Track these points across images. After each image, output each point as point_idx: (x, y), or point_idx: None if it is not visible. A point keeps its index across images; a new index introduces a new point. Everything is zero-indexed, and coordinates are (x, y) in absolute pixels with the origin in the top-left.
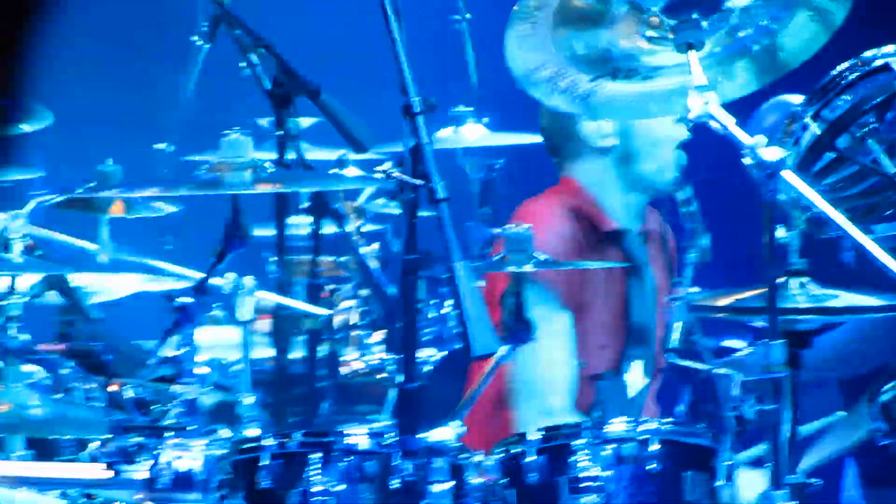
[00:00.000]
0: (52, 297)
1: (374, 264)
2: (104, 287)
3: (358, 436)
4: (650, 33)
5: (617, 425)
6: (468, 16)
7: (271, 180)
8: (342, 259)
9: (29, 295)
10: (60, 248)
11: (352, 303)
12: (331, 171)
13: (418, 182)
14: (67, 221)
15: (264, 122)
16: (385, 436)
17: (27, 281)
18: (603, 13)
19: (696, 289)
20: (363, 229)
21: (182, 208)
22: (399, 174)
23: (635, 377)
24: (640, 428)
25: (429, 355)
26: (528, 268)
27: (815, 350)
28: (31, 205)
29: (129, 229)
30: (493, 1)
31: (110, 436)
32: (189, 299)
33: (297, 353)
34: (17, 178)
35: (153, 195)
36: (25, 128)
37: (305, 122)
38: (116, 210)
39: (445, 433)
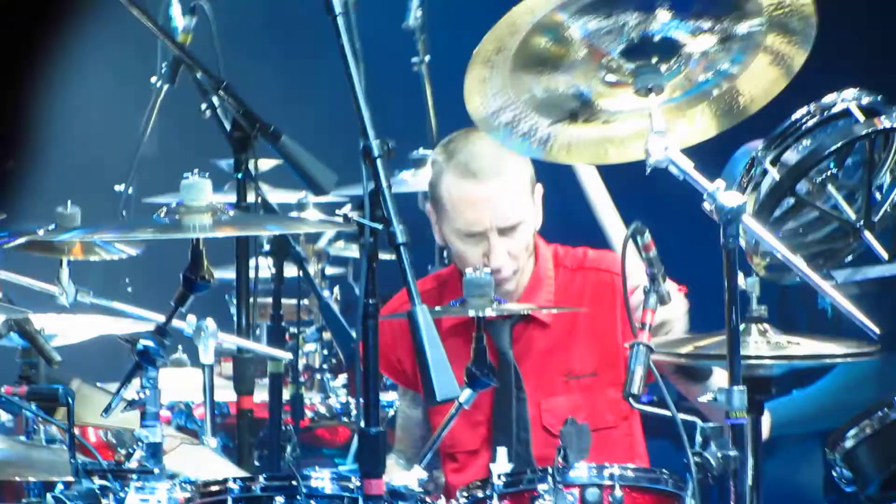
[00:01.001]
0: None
1: (335, 307)
2: (66, 329)
3: (322, 479)
4: (610, 77)
5: (580, 470)
6: (427, 58)
7: (231, 223)
8: (304, 302)
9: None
10: (21, 291)
11: (314, 346)
12: (291, 214)
13: (378, 226)
14: (27, 264)
15: (224, 164)
16: (349, 479)
17: None
18: (562, 57)
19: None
20: (325, 272)
21: (142, 251)
22: (358, 218)
23: (500, 462)
24: (604, 473)
25: (391, 399)
26: (488, 311)
27: (796, 403)
28: None
29: (90, 272)
30: (453, 44)
31: (74, 479)
32: (150, 342)
33: (260, 397)
34: None
35: (113, 238)
36: None
37: (266, 164)
38: (76, 252)
39: (408, 477)
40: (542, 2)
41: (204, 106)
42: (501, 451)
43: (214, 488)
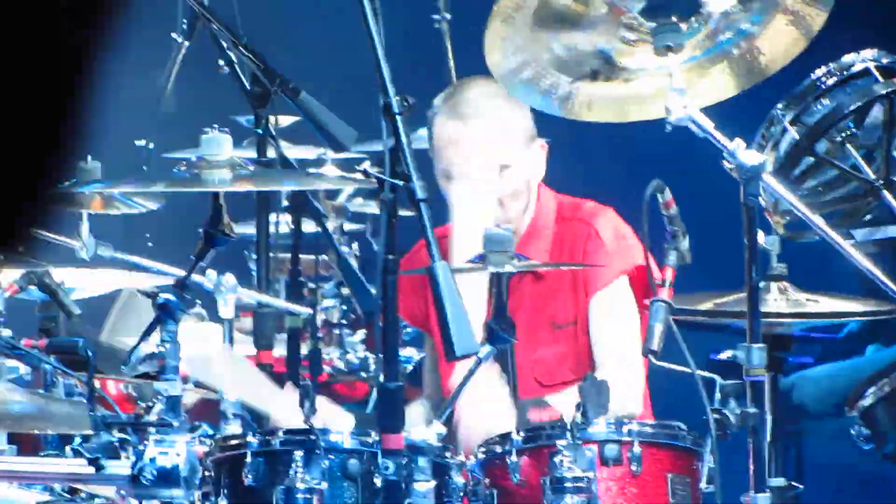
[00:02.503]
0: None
1: (354, 263)
2: (86, 283)
3: (341, 434)
4: (630, 35)
5: (599, 426)
6: (448, 16)
7: (250, 178)
8: (322, 257)
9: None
10: (41, 245)
11: (332, 301)
12: (310, 171)
13: (398, 182)
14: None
15: (243, 120)
16: (368, 434)
17: (9, 277)
18: (582, 15)
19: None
20: (343, 228)
21: (163, 205)
22: (378, 173)
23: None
24: (623, 429)
25: (410, 355)
26: (508, 268)
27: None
28: None
29: (110, 226)
30: (474, 1)
31: (93, 431)
32: (170, 296)
33: (278, 352)
34: None
35: (133, 191)
36: None
37: (285, 120)
38: (97, 206)
39: (427, 432)
40: None
41: (222, 62)
42: None
43: (233, 442)
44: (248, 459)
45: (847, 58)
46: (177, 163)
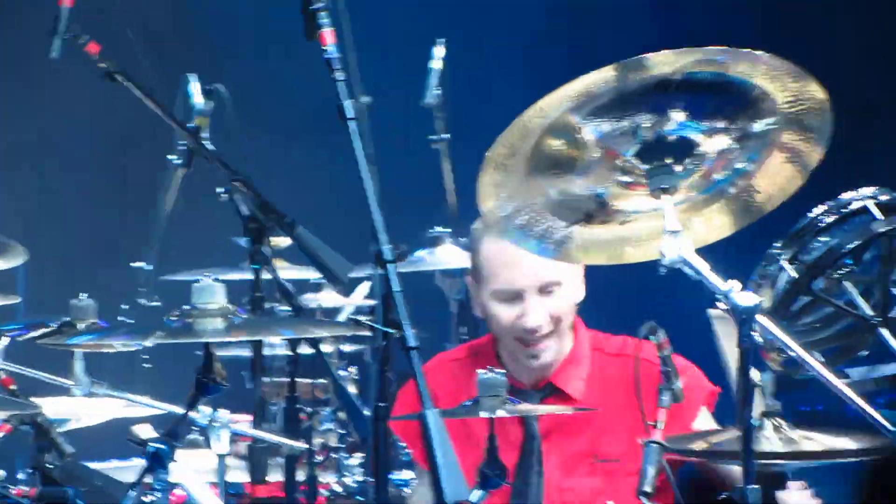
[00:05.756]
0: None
1: (351, 388)
2: (78, 413)
3: None
4: (624, 178)
5: None
6: (446, 136)
7: (244, 327)
8: (320, 382)
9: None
10: (35, 383)
11: (330, 426)
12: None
13: (390, 330)
14: (41, 354)
15: (243, 241)
16: None
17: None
18: (576, 159)
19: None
20: (342, 350)
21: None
22: (371, 322)
23: None
24: None
25: (409, 477)
26: (501, 413)
27: None
28: (5, 341)
29: (105, 361)
30: (473, 121)
31: None
32: (161, 445)
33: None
34: None
35: (124, 343)
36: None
37: (283, 241)
38: (89, 346)
39: None
40: (554, 104)
41: (221, 190)
42: None
43: None
44: None
45: (845, 195)
46: (175, 284)
